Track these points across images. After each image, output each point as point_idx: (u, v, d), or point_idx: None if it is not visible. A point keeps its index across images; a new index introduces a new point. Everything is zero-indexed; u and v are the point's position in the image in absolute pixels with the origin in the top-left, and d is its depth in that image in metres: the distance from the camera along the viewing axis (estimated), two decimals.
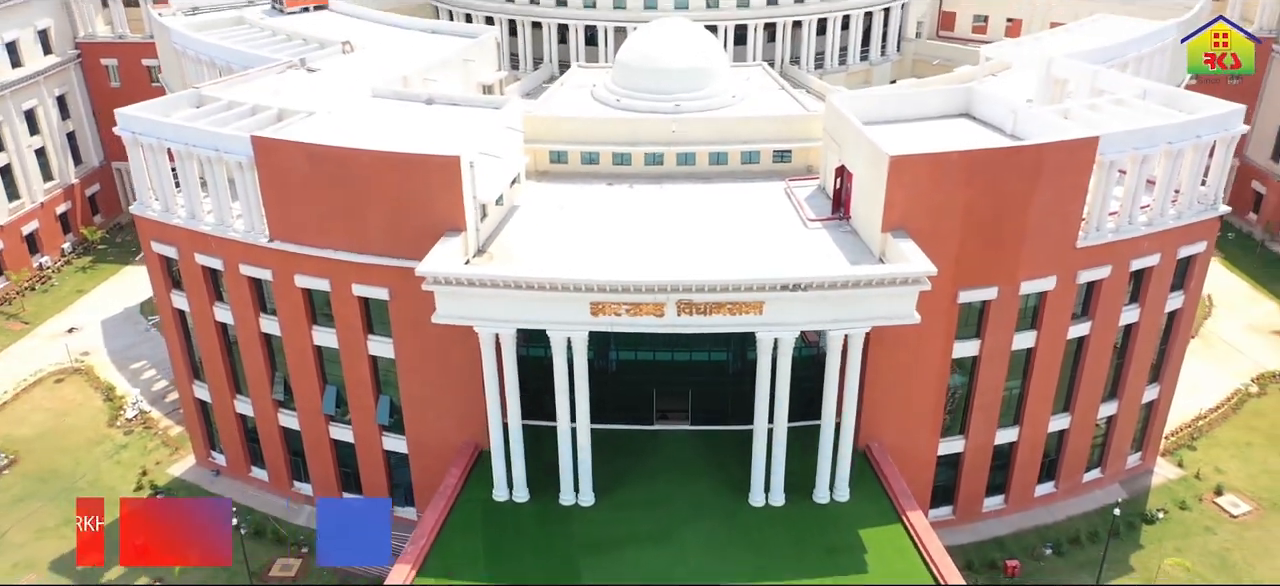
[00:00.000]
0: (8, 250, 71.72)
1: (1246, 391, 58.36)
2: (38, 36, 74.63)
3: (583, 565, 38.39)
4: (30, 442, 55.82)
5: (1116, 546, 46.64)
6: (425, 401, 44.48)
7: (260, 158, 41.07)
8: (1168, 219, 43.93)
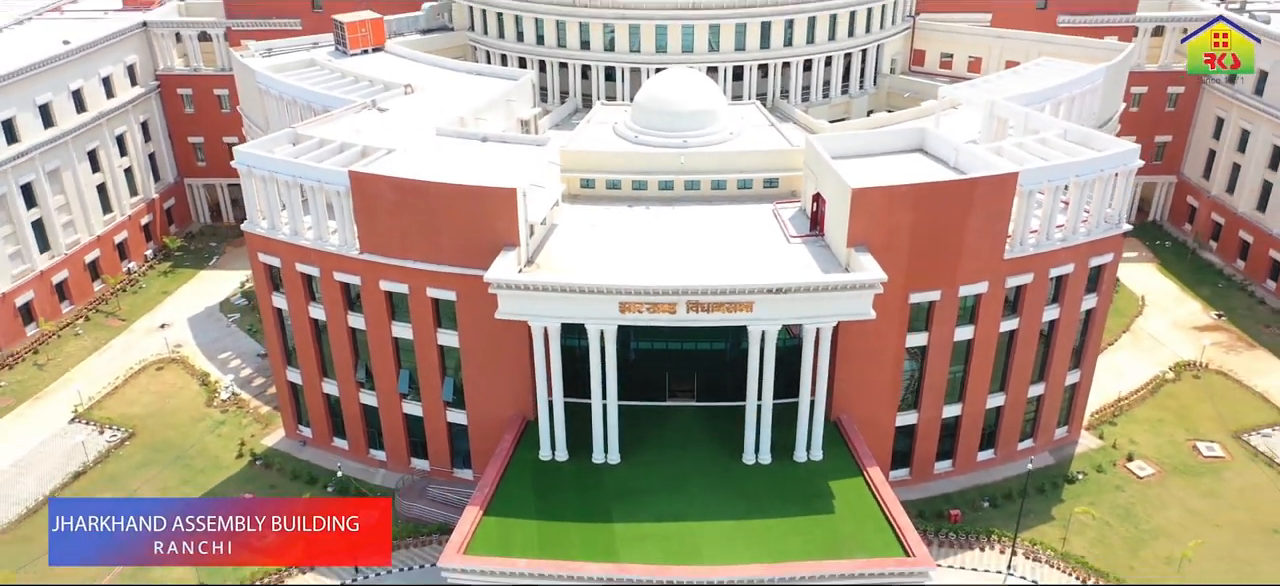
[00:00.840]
0: (103, 257, 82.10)
1: (1164, 378, 68.71)
2: (127, 71, 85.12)
3: (613, 507, 48.82)
4: (143, 419, 66.22)
5: (1042, 500, 57.11)
6: (482, 382, 54.85)
7: (355, 188, 51.49)
8: (1079, 235, 54.24)
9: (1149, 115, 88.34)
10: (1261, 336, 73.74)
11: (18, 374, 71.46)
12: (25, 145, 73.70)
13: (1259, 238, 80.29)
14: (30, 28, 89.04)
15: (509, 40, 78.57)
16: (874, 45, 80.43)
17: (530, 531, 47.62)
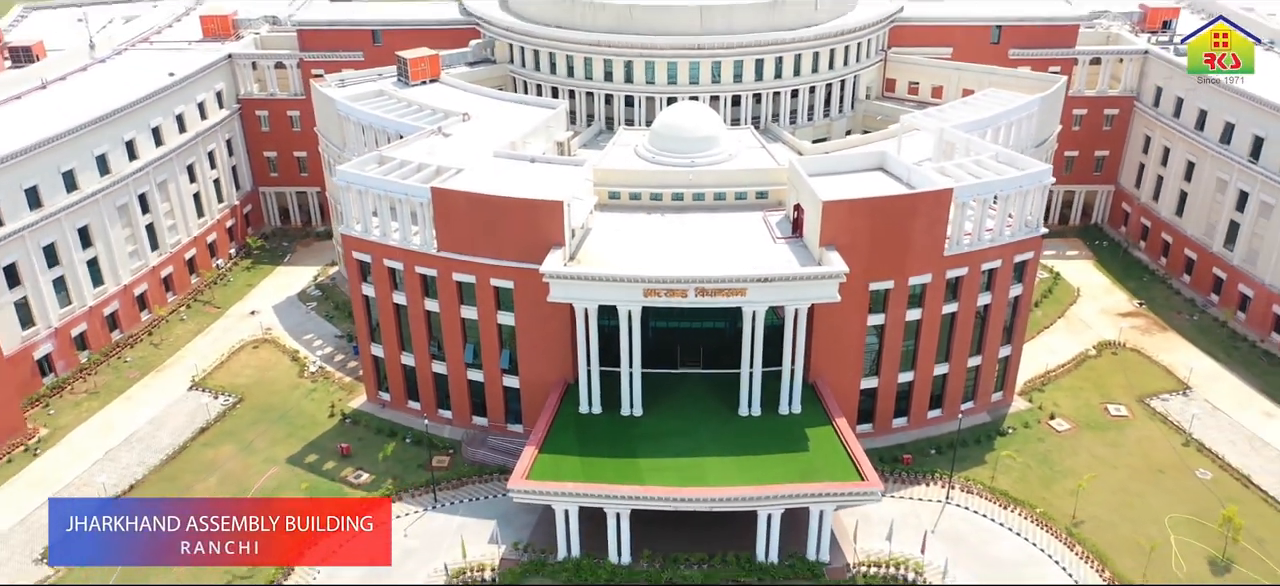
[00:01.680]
0: (198, 254, 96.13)
1: (1087, 354, 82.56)
2: (216, 96, 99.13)
3: (638, 447, 62.79)
4: (248, 388, 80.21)
5: (978, 449, 70.97)
6: (532, 353, 68.72)
7: (436, 201, 65.42)
8: (1005, 237, 68.08)
9: (1089, 133, 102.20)
10: (1173, 321, 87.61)
11: (139, 352, 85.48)
12: (142, 162, 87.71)
13: (1177, 238, 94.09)
14: (128, 58, 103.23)
15: (543, 73, 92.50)
16: (851, 76, 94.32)
17: (574, 465, 61.60)
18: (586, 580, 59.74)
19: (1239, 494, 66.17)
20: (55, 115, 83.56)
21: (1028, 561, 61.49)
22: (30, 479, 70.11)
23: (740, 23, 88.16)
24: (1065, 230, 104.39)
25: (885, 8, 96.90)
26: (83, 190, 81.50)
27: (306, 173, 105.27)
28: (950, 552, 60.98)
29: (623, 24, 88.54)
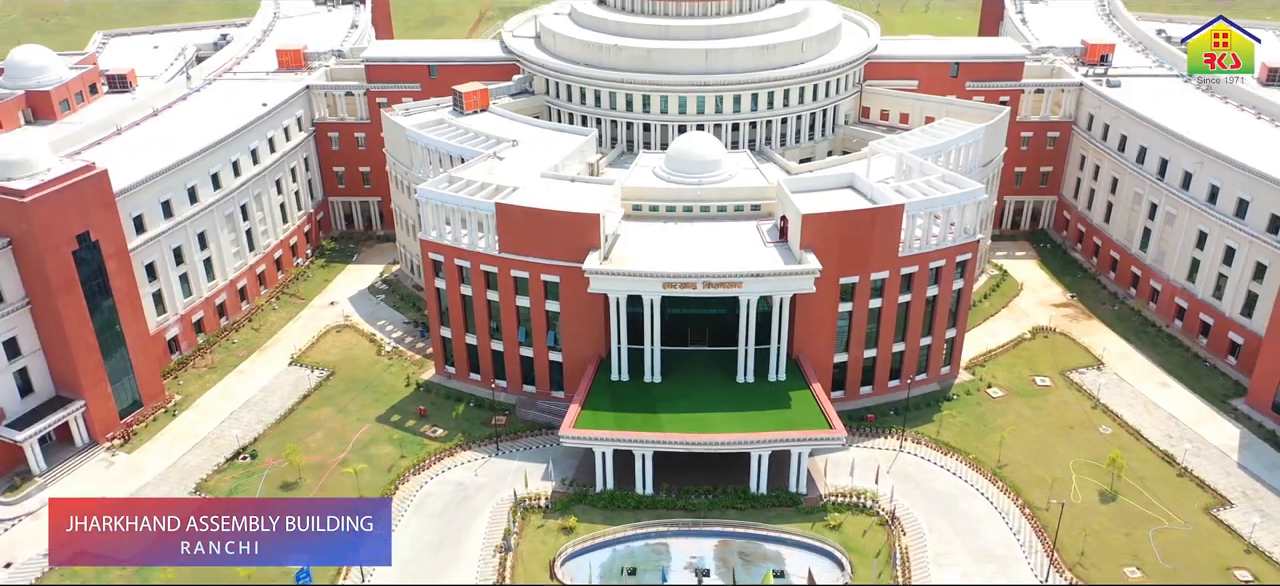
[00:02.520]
0: (284, 255, 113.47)
1: (1023, 337, 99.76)
2: (296, 121, 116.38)
3: (658, 405, 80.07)
4: (336, 363, 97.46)
5: (928, 411, 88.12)
6: (573, 333, 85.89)
7: (499, 214, 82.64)
8: (948, 242, 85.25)
9: (1035, 152, 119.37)
10: (1097, 310, 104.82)
11: (243, 335, 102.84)
12: (244, 178, 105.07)
13: (1104, 242, 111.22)
14: (218, 88, 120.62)
15: (576, 104, 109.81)
16: (832, 105, 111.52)
17: (609, 418, 78.94)
18: (619, 505, 76.94)
19: (1130, 445, 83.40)
20: (175, 140, 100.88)
21: (960, 494, 78.77)
22: (174, 433, 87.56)
23: (739, 63, 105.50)
24: (1016, 234, 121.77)
25: (861, 48, 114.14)
26: (201, 202, 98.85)
27: (370, 185, 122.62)
28: (898, 486, 78.27)
29: (642, 64, 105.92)
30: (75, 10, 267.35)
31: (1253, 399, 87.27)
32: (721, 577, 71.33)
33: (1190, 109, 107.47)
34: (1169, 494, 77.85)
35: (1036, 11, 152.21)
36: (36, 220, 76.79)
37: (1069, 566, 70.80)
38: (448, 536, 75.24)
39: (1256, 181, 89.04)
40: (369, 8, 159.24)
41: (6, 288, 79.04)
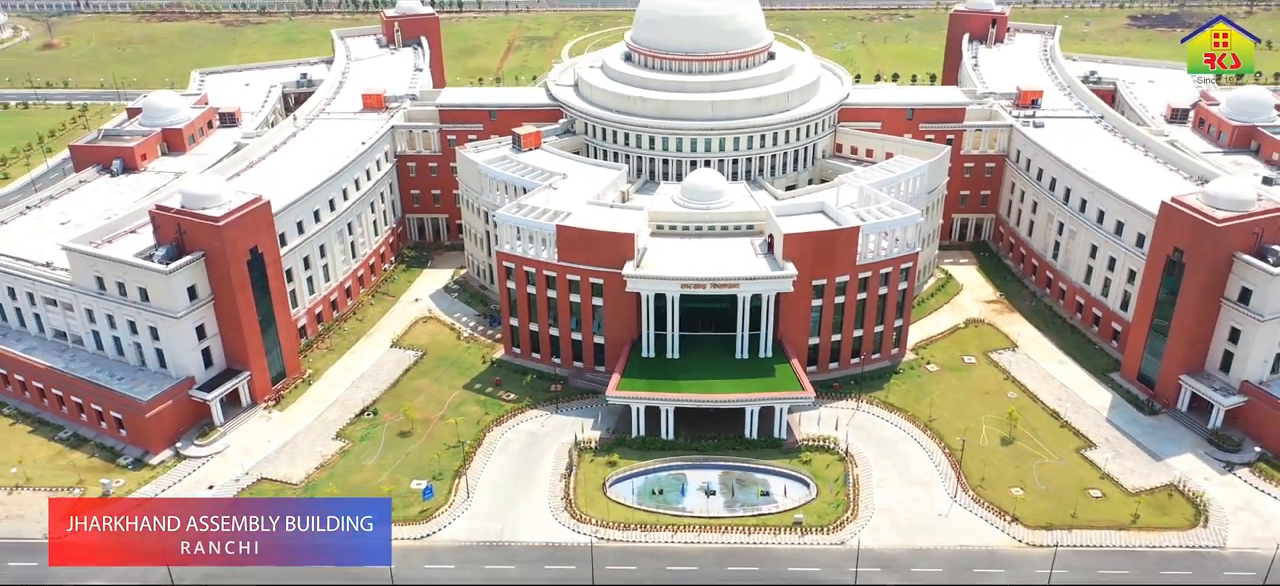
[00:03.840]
0: (375, 262, 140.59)
1: (958, 327, 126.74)
2: (384, 154, 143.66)
3: (677, 374, 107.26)
4: (427, 346, 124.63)
5: (879, 381, 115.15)
6: (613, 322, 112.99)
7: (558, 232, 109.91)
8: (894, 253, 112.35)
9: (977, 178, 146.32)
10: (1019, 306, 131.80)
11: (351, 325, 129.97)
12: (350, 201, 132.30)
13: (1028, 252, 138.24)
14: (317, 127, 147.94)
15: (609, 142, 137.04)
16: (812, 143, 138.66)
17: (641, 383, 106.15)
18: (649, 447, 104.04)
19: (1028, 405, 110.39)
20: (296, 171, 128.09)
21: (898, 439, 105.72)
22: (312, 397, 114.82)
23: (737, 112, 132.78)
24: (961, 245, 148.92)
25: (835, 96, 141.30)
26: (322, 222, 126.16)
27: (439, 204, 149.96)
28: (853, 434, 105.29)
29: (662, 112, 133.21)
30: (147, 40, 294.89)
31: (1124, 372, 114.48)
32: (723, 496, 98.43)
33: (1095, 147, 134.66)
34: (1052, 439, 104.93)
35: (988, 56, 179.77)
36: (225, 239, 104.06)
37: (972, 487, 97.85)
38: (524, 468, 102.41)
39: (1129, 208, 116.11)
40: (426, 49, 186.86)
41: (200, 288, 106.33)
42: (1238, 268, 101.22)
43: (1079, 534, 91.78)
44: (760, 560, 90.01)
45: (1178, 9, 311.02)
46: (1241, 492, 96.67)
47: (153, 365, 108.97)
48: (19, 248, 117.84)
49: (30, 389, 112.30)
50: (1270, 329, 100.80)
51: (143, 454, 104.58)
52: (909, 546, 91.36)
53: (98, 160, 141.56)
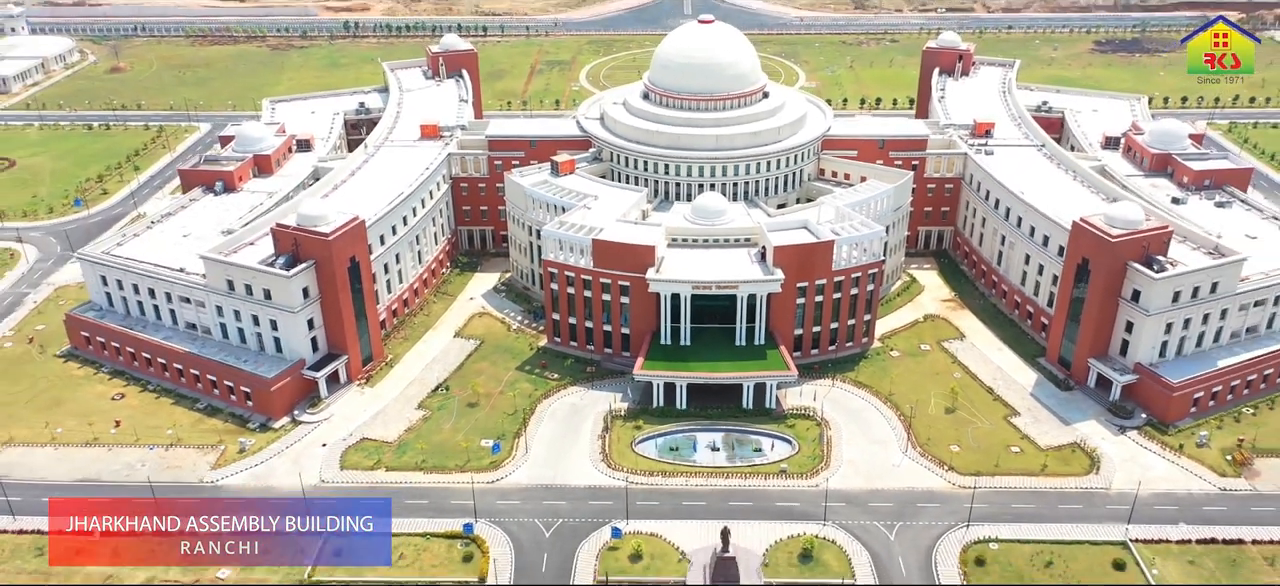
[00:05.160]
0: (436, 267, 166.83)
1: (918, 321, 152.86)
2: (442, 176, 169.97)
3: (689, 358, 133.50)
4: (484, 336, 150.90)
5: (850, 364, 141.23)
6: (637, 316, 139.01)
7: (594, 245, 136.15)
8: (862, 261, 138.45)
9: (938, 197, 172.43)
10: (969, 304, 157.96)
11: (419, 319, 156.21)
12: (418, 217, 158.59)
13: (979, 259, 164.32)
14: (385, 153, 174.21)
15: (631, 168, 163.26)
16: (799, 169, 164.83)
17: (660, 365, 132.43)
18: (667, 415, 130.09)
19: (969, 383, 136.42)
20: (372, 191, 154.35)
21: (864, 409, 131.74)
22: (394, 376, 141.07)
23: (737, 143, 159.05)
24: (925, 253, 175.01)
25: (819, 129, 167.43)
26: (398, 234, 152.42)
27: (486, 218, 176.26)
28: (828, 405, 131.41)
29: (675, 143, 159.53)
30: (203, 63, 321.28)
31: (1048, 356, 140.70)
32: (725, 451, 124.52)
33: (1034, 172, 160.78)
34: (985, 409, 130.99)
35: (955, 88, 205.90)
36: (333, 250, 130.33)
37: (919, 445, 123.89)
38: (569, 430, 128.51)
39: (1052, 224, 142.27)
40: (468, 81, 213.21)
41: (311, 289, 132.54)
42: (1130, 273, 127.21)
43: (999, 479, 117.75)
44: (754, 498, 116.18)
45: (1139, 34, 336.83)
46: (1128, 449, 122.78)
47: (270, 350, 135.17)
48: (152, 256, 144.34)
49: (171, 369, 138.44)
50: (1156, 321, 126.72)
51: (266, 420, 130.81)
52: (869, 488, 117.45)
53: (203, 182, 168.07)
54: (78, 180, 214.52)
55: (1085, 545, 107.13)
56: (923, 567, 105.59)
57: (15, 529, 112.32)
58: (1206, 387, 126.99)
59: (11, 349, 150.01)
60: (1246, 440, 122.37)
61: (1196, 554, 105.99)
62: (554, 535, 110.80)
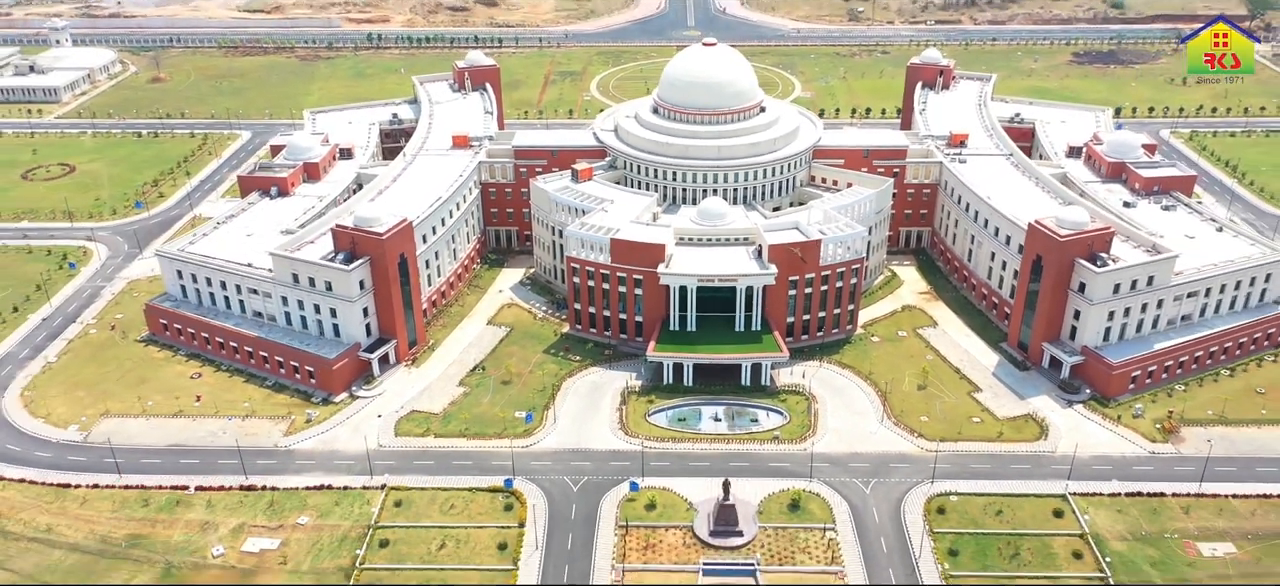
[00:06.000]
0: (468, 262, 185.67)
1: (897, 311, 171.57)
2: (473, 183, 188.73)
3: (695, 341, 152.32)
4: (513, 323, 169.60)
5: (835, 348, 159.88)
6: (649, 306, 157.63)
7: (612, 244, 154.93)
8: (845, 258, 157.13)
9: (917, 201, 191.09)
10: (943, 295, 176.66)
11: (455, 309, 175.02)
12: (454, 218, 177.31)
13: (951, 255, 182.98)
14: (421, 161, 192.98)
15: (643, 175, 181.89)
16: (792, 175, 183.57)
17: (669, 348, 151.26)
18: (675, 391, 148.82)
19: (939, 364, 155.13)
20: (414, 196, 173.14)
21: (847, 386, 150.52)
22: (436, 358, 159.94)
23: (736, 152, 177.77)
24: (906, 251, 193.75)
25: (810, 140, 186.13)
26: (437, 234, 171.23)
27: (512, 219, 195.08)
28: (816, 383, 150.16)
29: (681, 153, 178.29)
30: (237, 73, 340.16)
31: (1009, 341, 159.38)
32: (726, 421, 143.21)
33: (1001, 179, 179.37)
34: (952, 386, 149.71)
35: (935, 100, 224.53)
36: (386, 248, 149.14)
37: (894, 416, 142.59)
38: (591, 403, 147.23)
39: (1012, 225, 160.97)
40: (491, 94, 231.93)
41: (366, 281, 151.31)
42: (1077, 268, 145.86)
43: (961, 444, 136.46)
44: (750, 460, 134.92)
45: (1115, 46, 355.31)
46: (1073, 419, 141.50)
47: (330, 335, 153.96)
48: (221, 253, 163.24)
49: (242, 352, 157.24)
50: (1099, 310, 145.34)
51: (328, 395, 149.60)
52: (849, 451, 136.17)
53: (260, 187, 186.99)
54: (134, 184, 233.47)
55: (1031, 497, 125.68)
56: (892, 516, 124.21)
57: (122, 484, 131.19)
58: (1143, 367, 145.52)
59: (96, 335, 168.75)
60: (1176, 412, 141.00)
61: (1124, 505, 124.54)
62: (581, 489, 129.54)
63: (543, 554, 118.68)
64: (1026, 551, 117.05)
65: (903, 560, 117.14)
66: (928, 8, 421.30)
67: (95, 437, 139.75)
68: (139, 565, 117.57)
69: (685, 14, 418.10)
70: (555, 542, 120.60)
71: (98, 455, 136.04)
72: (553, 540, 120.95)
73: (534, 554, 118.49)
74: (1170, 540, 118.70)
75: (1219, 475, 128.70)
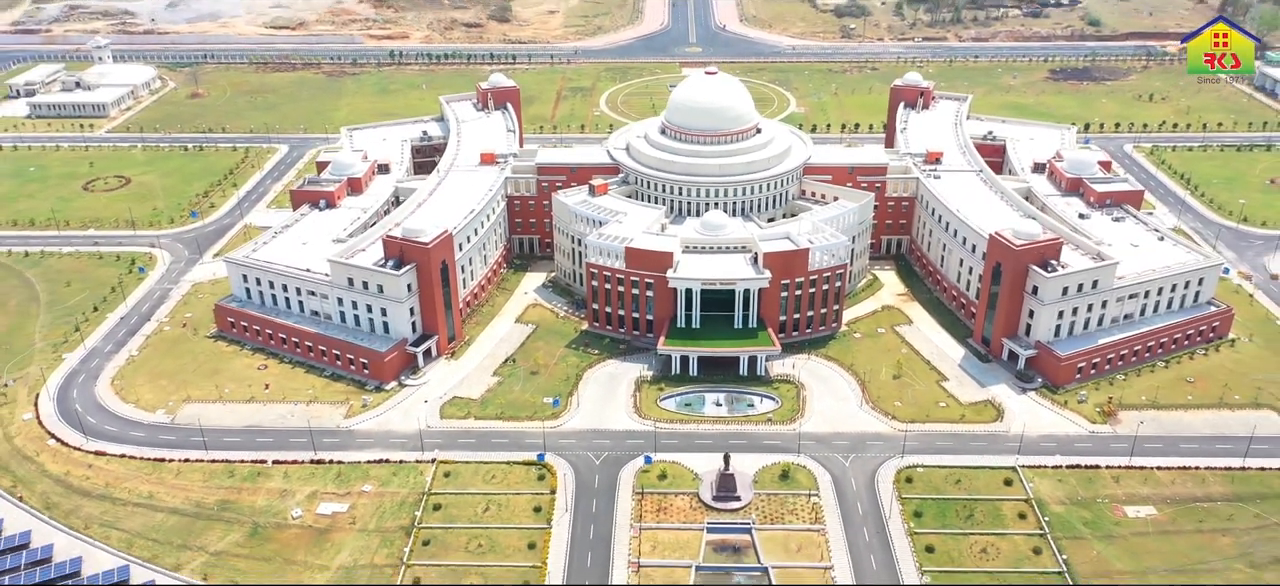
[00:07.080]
0: (496, 267, 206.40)
1: (877, 310, 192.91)
2: (501, 196, 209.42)
3: (699, 336, 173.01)
4: (538, 321, 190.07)
5: (821, 343, 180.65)
6: (659, 306, 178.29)
7: (626, 252, 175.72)
8: (831, 263, 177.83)
9: (897, 212, 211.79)
10: (919, 297, 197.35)
11: (485, 307, 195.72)
12: (485, 228, 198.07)
13: (926, 261, 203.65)
14: (454, 176, 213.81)
15: (652, 190, 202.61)
16: (785, 190, 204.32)
17: (676, 342, 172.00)
18: (682, 380, 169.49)
19: (913, 357, 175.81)
20: (449, 208, 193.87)
21: (832, 376, 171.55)
22: (473, 351, 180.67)
23: (735, 170, 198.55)
24: (887, 257, 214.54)
25: (801, 158, 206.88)
26: (471, 242, 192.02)
27: (535, 228, 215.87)
28: (804, 373, 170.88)
29: (686, 170, 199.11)
30: (270, 89, 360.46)
31: (974, 337, 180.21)
32: (727, 406, 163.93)
33: (971, 194, 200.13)
34: (923, 376, 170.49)
35: (916, 119, 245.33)
36: (430, 256, 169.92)
37: (871, 401, 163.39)
38: (608, 392, 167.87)
39: (976, 234, 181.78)
40: (512, 113, 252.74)
41: (413, 285, 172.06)
42: (1031, 273, 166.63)
43: (929, 425, 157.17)
44: (747, 438, 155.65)
45: (1089, 64, 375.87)
46: (1027, 404, 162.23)
47: (380, 331, 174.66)
48: (281, 259, 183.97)
49: (302, 346, 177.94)
50: (1050, 309, 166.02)
51: (380, 383, 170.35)
52: (832, 431, 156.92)
53: (310, 201, 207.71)
54: (187, 195, 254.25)
55: (985, 469, 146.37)
56: (867, 485, 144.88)
57: (209, 459, 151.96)
58: (1088, 359, 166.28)
59: (170, 332, 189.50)
60: (1114, 398, 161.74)
61: (1064, 475, 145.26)
62: (602, 463, 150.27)
63: (572, 515, 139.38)
64: (980, 513, 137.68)
65: (875, 520, 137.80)
66: (915, 25, 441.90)
67: (181, 419, 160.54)
68: (230, 525, 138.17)
69: (687, 31, 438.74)
70: (582, 506, 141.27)
71: (185, 434, 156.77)
72: (580, 504, 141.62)
73: (564, 515, 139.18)
74: (1101, 504, 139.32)
75: (1147, 450, 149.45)
